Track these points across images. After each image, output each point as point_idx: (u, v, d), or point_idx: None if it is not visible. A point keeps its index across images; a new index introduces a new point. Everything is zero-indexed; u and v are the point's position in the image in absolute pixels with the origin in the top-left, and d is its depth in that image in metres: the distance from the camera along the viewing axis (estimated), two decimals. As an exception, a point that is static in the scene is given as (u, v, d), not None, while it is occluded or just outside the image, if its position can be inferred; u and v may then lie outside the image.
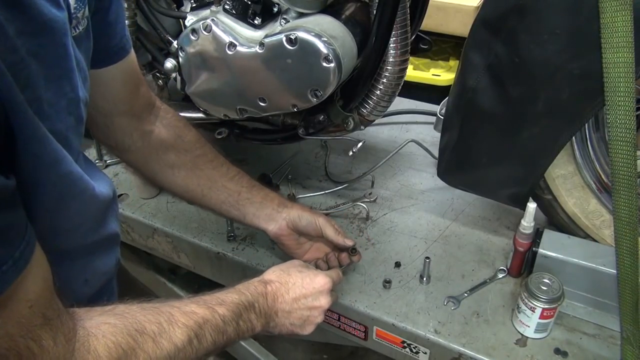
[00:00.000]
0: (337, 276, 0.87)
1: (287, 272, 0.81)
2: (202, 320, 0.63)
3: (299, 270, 0.82)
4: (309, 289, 0.80)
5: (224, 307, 0.67)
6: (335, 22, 0.91)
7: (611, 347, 0.88)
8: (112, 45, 0.71)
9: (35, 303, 0.46)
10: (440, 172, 1.05)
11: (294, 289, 0.79)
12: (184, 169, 0.90)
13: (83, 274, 0.67)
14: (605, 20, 0.71)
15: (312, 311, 0.80)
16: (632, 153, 0.76)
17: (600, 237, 0.97)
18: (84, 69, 0.57)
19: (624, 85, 0.73)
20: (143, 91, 0.83)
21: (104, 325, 0.54)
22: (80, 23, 0.57)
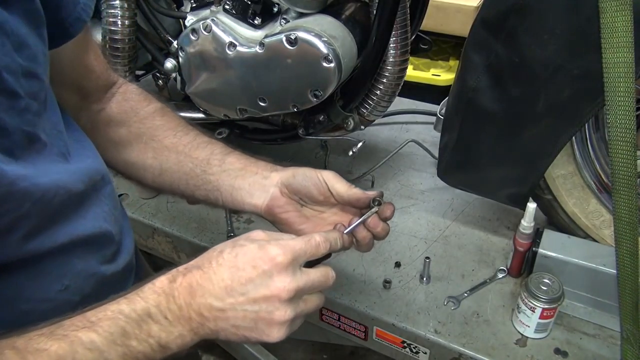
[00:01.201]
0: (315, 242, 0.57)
1: (220, 249, 0.56)
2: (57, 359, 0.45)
3: (239, 244, 0.55)
4: (247, 270, 0.52)
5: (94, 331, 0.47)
6: (335, 22, 0.91)
7: (611, 347, 0.88)
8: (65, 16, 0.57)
9: None
10: (440, 172, 1.05)
11: (222, 273, 0.53)
12: (137, 144, 0.73)
13: (60, 279, 0.56)
14: (605, 20, 0.71)
15: (262, 304, 0.52)
16: (632, 153, 0.76)
17: (600, 237, 0.97)
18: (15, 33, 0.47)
19: (624, 85, 0.73)
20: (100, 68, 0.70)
21: None
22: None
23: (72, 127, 0.62)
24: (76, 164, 0.57)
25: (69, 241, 0.55)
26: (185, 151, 0.73)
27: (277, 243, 0.54)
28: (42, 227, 0.52)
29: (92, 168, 0.60)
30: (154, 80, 1.26)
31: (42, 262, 0.53)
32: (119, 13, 1.04)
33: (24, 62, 0.49)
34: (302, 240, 0.56)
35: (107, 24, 1.04)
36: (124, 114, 0.73)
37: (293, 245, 0.54)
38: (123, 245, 0.67)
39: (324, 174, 0.69)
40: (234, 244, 0.55)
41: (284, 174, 0.71)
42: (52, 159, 0.54)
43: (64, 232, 0.55)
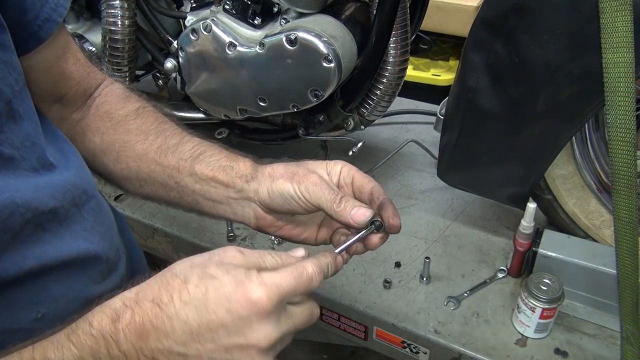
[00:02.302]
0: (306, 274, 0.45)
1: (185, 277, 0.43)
2: None
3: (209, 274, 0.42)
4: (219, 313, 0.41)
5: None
6: (335, 22, 0.91)
7: (611, 347, 0.88)
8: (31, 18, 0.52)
9: None
10: (440, 172, 1.05)
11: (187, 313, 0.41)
12: (110, 153, 0.65)
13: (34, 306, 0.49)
14: (605, 20, 0.71)
15: (235, 354, 0.42)
16: (632, 153, 0.76)
17: (600, 237, 0.97)
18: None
19: (624, 85, 0.73)
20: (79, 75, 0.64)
21: None
22: None
23: (57, 137, 0.57)
24: (50, 178, 0.51)
25: (40, 265, 0.48)
26: (156, 158, 0.63)
27: (260, 280, 0.42)
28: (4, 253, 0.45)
29: (69, 182, 0.53)
30: (154, 80, 1.26)
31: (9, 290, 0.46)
32: (119, 13, 1.04)
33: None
34: (292, 275, 0.44)
35: (107, 24, 1.04)
36: (99, 120, 0.66)
37: (280, 284, 0.42)
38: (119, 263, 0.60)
39: (303, 187, 0.55)
40: (202, 272, 0.42)
41: (260, 191, 0.58)
42: (18, 173, 0.48)
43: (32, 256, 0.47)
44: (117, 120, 0.65)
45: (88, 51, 1.15)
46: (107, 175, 0.67)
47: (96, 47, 1.15)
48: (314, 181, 0.55)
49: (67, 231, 0.51)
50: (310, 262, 0.46)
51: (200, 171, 0.60)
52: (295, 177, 0.56)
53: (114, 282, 0.58)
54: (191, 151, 0.62)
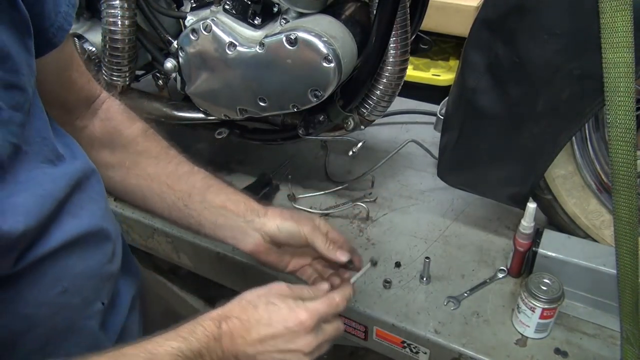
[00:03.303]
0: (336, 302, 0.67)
1: (255, 304, 0.63)
2: None
3: (270, 302, 0.63)
4: (278, 328, 0.62)
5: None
6: (335, 22, 0.91)
7: (611, 347, 0.88)
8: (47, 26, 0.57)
9: None
10: (440, 172, 1.05)
11: (258, 329, 0.61)
12: (120, 169, 0.75)
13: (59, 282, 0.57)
14: (605, 20, 0.71)
15: (285, 356, 0.62)
16: (632, 153, 0.76)
17: (600, 237, 0.97)
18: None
19: (624, 85, 0.73)
20: (82, 81, 0.70)
21: None
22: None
23: (59, 132, 0.62)
24: (64, 168, 0.58)
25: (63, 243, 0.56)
26: (168, 182, 0.74)
27: (305, 307, 0.63)
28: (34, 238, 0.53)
29: (79, 169, 0.61)
30: (154, 80, 1.26)
31: (38, 267, 0.54)
32: (119, 13, 1.03)
33: (4, 75, 0.48)
34: (325, 303, 0.65)
35: (107, 24, 1.04)
36: (108, 135, 0.74)
37: (317, 309, 0.64)
38: (117, 245, 0.68)
39: (306, 229, 0.74)
40: (266, 300, 0.64)
41: (269, 224, 0.74)
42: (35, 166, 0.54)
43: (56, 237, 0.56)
44: (128, 140, 0.75)
45: (88, 51, 1.15)
46: (110, 186, 0.75)
47: (96, 47, 1.15)
48: (310, 229, 0.74)
49: (82, 211, 0.60)
50: (337, 293, 0.68)
51: (212, 200, 0.74)
52: (298, 221, 0.75)
53: (116, 266, 0.67)
54: (203, 181, 0.76)
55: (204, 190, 0.74)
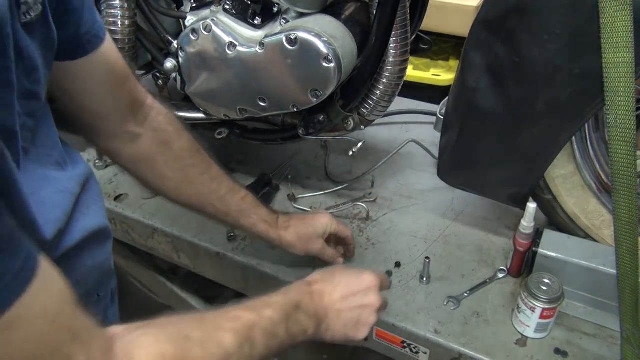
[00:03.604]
0: (385, 280, 0.84)
1: (331, 272, 0.79)
2: (250, 324, 0.59)
3: (343, 270, 0.81)
4: (356, 286, 0.77)
5: (271, 309, 0.64)
6: (335, 22, 0.91)
7: (611, 347, 0.88)
8: (81, 34, 0.64)
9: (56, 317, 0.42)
10: (440, 172, 1.05)
11: (340, 287, 0.76)
12: (173, 181, 0.84)
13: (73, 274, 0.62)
14: (605, 20, 0.71)
15: (363, 310, 0.76)
16: (632, 153, 0.76)
17: (600, 237, 0.97)
18: (30, 57, 0.52)
19: (624, 85, 0.73)
20: (130, 87, 0.77)
21: (146, 336, 0.50)
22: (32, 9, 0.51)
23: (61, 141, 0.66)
24: (71, 171, 0.63)
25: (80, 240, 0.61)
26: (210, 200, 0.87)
27: (369, 272, 0.80)
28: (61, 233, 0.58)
29: (83, 173, 0.65)
30: (154, 80, 1.26)
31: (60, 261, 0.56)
32: (119, 13, 1.03)
33: (29, 86, 0.52)
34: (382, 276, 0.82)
35: (107, 24, 1.04)
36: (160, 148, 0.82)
37: (377, 276, 0.80)
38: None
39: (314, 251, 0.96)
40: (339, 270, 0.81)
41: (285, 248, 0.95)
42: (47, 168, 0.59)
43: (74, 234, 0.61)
44: (177, 154, 0.83)
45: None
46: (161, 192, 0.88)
47: (96, 47, 1.15)
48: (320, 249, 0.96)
49: (89, 210, 0.65)
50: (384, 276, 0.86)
51: (244, 222, 0.91)
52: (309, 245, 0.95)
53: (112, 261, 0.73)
54: (237, 205, 0.89)
55: (238, 215, 0.90)
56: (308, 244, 0.95)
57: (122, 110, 0.77)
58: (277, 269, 1.05)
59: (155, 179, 0.84)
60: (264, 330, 0.61)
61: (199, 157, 0.86)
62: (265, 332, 0.61)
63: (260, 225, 0.91)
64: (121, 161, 0.83)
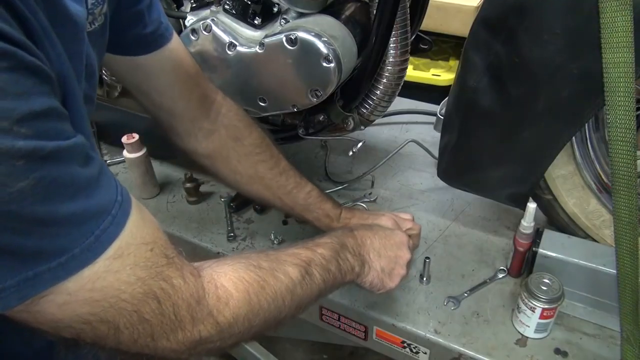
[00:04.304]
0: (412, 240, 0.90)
1: (369, 224, 0.86)
2: (308, 259, 0.66)
3: (378, 224, 0.87)
4: (391, 239, 0.83)
5: (322, 247, 0.70)
6: (335, 22, 0.91)
7: (611, 347, 0.88)
8: (148, 32, 0.72)
9: (154, 245, 0.48)
10: (440, 172, 1.05)
11: (379, 236, 0.82)
12: (245, 176, 0.90)
13: None
14: (605, 20, 0.71)
15: (398, 260, 0.82)
16: (632, 153, 0.76)
17: (600, 237, 0.97)
18: (91, 64, 0.57)
19: (624, 85, 0.73)
20: (199, 82, 0.82)
21: (224, 266, 0.57)
22: (96, 19, 0.57)
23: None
24: None
25: None
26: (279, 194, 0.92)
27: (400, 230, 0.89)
28: None
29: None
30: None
31: None
32: (119, 13, 1.03)
33: (88, 90, 0.57)
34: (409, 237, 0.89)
35: (107, 24, 1.04)
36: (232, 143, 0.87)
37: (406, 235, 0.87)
38: None
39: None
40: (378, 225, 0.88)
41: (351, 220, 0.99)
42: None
43: None
44: (248, 150, 0.89)
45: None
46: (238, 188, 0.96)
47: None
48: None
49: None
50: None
51: (307, 217, 0.96)
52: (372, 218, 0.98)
53: None
54: (303, 200, 0.94)
55: (303, 209, 0.95)
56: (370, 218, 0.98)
57: (194, 107, 0.82)
58: (277, 269, 1.05)
59: (229, 174, 0.90)
60: (319, 265, 0.68)
61: (269, 152, 0.91)
62: (321, 267, 0.68)
63: (322, 219, 0.96)
64: (199, 158, 0.88)
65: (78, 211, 0.42)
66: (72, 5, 0.49)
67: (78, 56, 0.52)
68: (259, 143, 0.90)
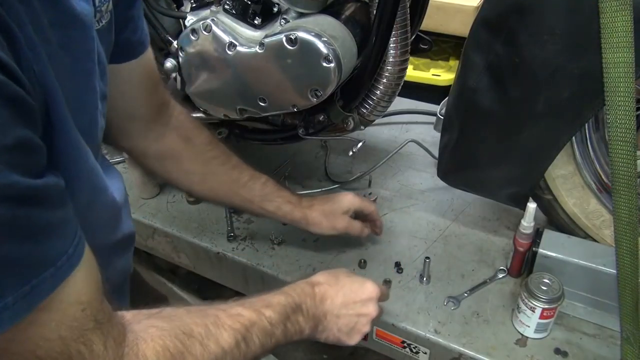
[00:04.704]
0: (385, 291, 0.85)
1: (336, 275, 0.79)
2: (249, 323, 0.62)
3: (347, 275, 0.80)
4: (358, 295, 0.77)
5: (271, 310, 0.66)
6: (335, 22, 0.91)
7: (611, 347, 0.88)
8: (134, 39, 0.71)
9: (87, 306, 0.46)
10: (440, 172, 1.05)
11: (343, 292, 0.77)
12: (198, 174, 0.89)
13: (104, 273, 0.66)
14: (605, 20, 0.71)
15: (360, 318, 0.77)
16: (632, 153, 0.76)
17: (600, 237, 0.97)
18: (103, 62, 0.57)
19: (624, 85, 0.73)
20: (161, 89, 0.82)
21: (152, 328, 0.53)
22: (103, 17, 0.57)
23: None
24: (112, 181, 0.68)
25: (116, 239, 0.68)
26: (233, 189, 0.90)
27: (372, 282, 0.80)
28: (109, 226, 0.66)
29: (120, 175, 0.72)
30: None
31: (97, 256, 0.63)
32: (119, 13, 1.03)
33: (103, 87, 0.58)
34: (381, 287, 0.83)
35: (107, 24, 1.04)
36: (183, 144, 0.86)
37: (378, 286, 0.81)
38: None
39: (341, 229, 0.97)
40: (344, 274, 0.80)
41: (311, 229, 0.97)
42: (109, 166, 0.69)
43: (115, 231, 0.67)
44: (199, 149, 0.87)
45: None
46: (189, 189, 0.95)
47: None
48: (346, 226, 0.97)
49: (126, 212, 0.72)
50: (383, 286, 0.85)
51: (267, 207, 0.93)
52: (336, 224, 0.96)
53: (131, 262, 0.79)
54: (260, 190, 0.92)
55: (261, 199, 0.92)
56: (334, 220, 0.95)
57: (151, 112, 0.81)
58: (277, 269, 1.05)
59: (181, 175, 0.88)
60: (262, 330, 0.63)
61: (219, 149, 0.90)
62: (263, 332, 0.64)
63: (284, 206, 0.93)
64: (147, 161, 0.86)
65: (21, 256, 0.39)
66: (79, 4, 0.49)
67: (89, 56, 0.52)
68: (209, 141, 0.89)
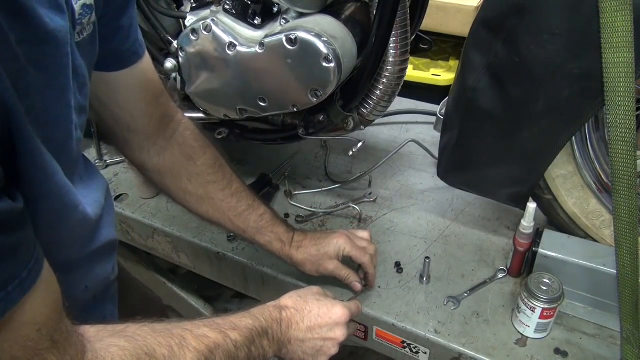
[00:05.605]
0: (357, 308, 0.84)
1: (305, 299, 0.79)
2: (214, 345, 0.62)
3: (316, 299, 0.80)
4: (325, 319, 0.78)
5: (237, 332, 0.66)
6: (335, 22, 0.91)
7: (611, 347, 0.88)
8: (125, 49, 0.71)
9: (43, 326, 0.45)
10: (440, 172, 1.05)
11: (310, 318, 0.77)
12: (194, 196, 0.88)
13: (83, 281, 0.67)
14: (605, 20, 0.71)
15: (326, 342, 0.78)
16: (632, 153, 0.76)
17: (600, 237, 0.97)
18: (82, 75, 0.56)
19: (624, 85, 0.73)
20: (162, 101, 0.81)
21: (114, 347, 0.52)
22: (85, 29, 0.57)
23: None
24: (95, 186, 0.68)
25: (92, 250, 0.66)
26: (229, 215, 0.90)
27: (342, 305, 0.80)
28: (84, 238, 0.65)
29: (103, 186, 0.71)
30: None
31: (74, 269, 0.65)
32: (119, 13, 1.03)
33: (82, 101, 0.57)
34: (354, 305, 0.84)
35: (107, 24, 1.04)
36: (185, 163, 0.85)
37: (349, 308, 0.81)
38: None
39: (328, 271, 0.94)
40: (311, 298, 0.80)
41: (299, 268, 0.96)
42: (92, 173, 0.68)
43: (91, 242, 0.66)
44: (200, 170, 0.86)
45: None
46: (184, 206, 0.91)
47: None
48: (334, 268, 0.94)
49: (106, 221, 0.70)
50: (353, 302, 0.86)
51: (259, 240, 0.93)
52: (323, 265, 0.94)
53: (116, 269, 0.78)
54: (255, 222, 0.91)
55: (255, 231, 0.92)
56: (319, 264, 0.93)
57: (152, 124, 0.80)
58: (277, 269, 1.05)
59: (178, 193, 0.88)
60: (226, 352, 0.63)
61: (221, 173, 0.89)
62: (227, 354, 0.63)
63: (275, 243, 0.93)
64: (147, 173, 0.86)
65: None
66: (54, 20, 0.48)
67: (63, 71, 0.51)
68: (212, 164, 0.88)
